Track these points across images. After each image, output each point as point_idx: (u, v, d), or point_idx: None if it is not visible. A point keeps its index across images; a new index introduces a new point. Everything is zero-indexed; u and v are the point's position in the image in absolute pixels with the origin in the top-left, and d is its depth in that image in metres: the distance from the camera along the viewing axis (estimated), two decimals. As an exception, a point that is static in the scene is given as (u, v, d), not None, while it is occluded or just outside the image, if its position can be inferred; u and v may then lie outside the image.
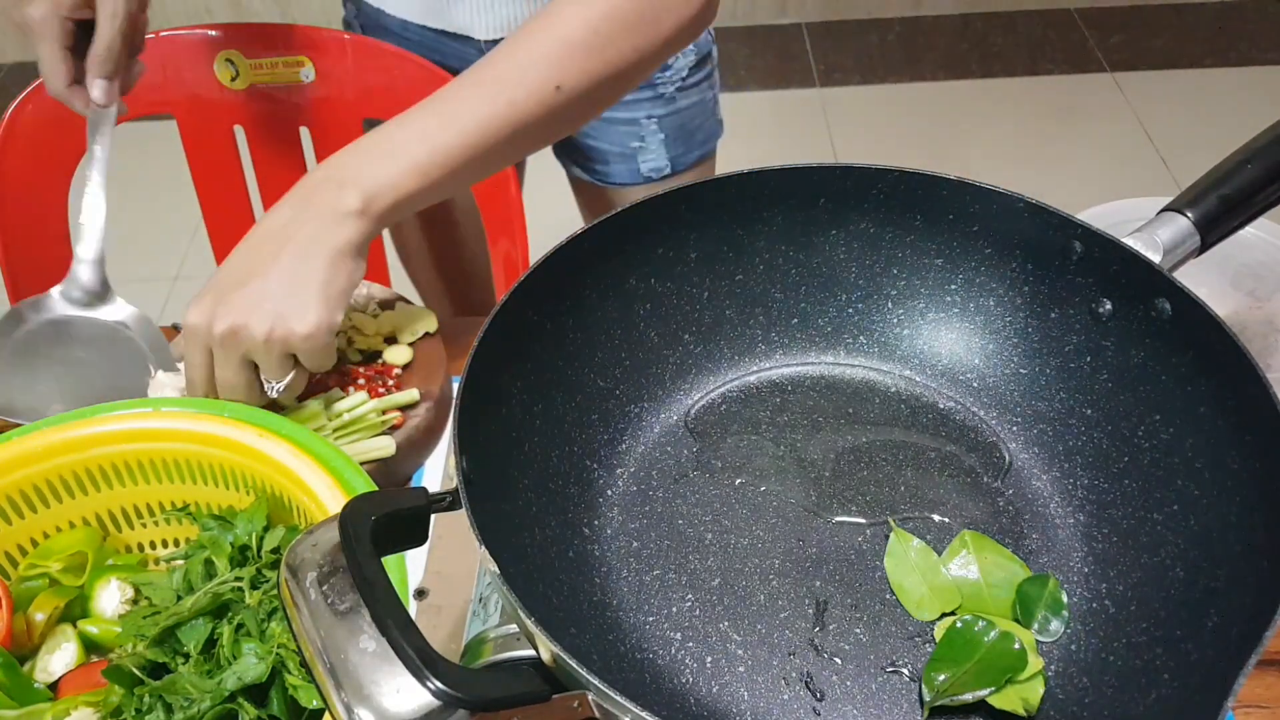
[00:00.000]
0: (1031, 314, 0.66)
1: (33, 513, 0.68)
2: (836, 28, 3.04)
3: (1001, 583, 0.58)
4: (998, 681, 0.53)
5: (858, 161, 0.66)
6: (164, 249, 2.37)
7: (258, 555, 0.65)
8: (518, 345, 0.60)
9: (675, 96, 1.15)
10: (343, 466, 0.65)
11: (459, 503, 0.48)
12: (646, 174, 1.19)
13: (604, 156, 1.19)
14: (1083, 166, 2.49)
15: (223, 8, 2.93)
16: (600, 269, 0.64)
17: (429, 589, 0.67)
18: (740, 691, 0.55)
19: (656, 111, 1.15)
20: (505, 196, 1.12)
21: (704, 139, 1.22)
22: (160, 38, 1.13)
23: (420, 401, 0.81)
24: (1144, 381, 0.60)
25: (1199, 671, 0.49)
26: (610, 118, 1.15)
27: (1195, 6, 3.02)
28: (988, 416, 0.67)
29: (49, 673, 0.65)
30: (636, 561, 0.61)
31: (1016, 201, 0.63)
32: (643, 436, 0.67)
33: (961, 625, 0.56)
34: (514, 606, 0.45)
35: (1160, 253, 0.58)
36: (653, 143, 1.17)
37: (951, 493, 0.63)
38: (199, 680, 0.59)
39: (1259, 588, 0.48)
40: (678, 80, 1.14)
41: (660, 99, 1.15)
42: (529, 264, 0.71)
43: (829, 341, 0.71)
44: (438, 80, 1.12)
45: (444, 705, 0.41)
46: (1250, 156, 0.61)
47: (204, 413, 0.68)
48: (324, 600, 0.43)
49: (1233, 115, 2.56)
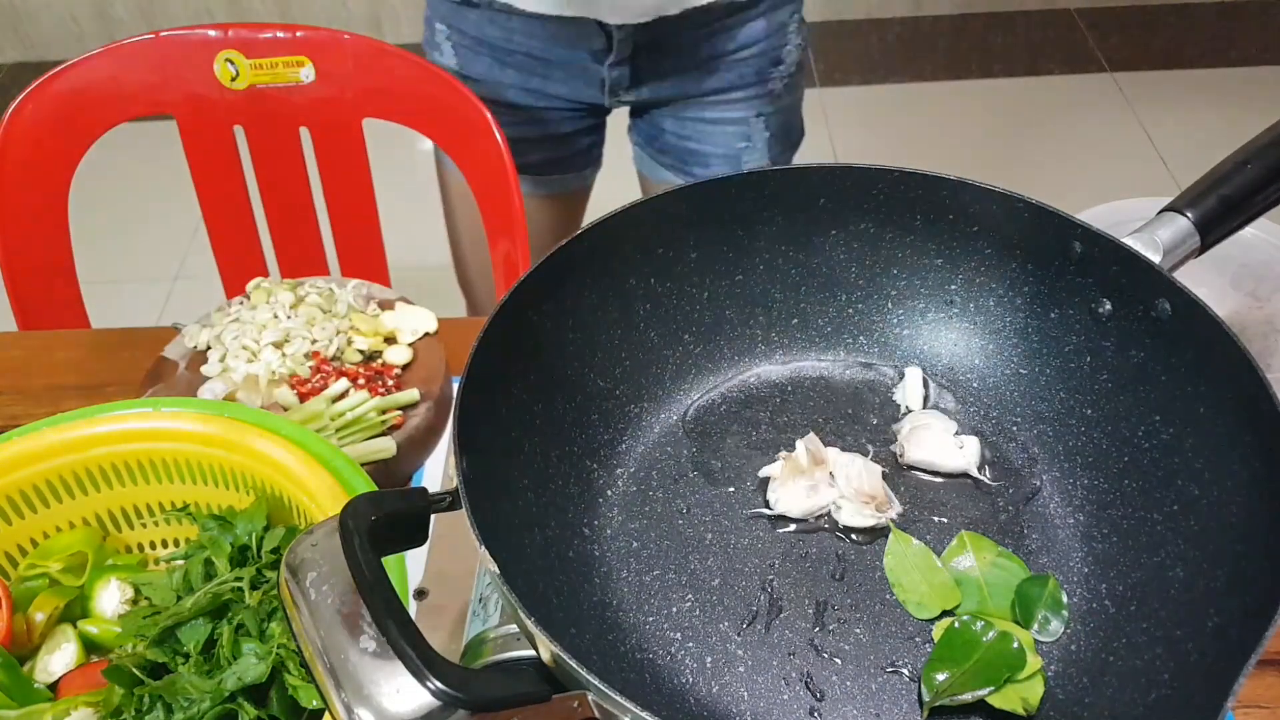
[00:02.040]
0: (1031, 314, 0.66)
1: (33, 513, 0.68)
2: (836, 28, 3.04)
3: (1001, 582, 0.58)
4: (997, 681, 0.53)
5: (858, 161, 0.66)
6: (164, 249, 2.36)
7: (258, 555, 0.65)
8: (518, 345, 0.60)
9: (782, 94, 1.14)
10: (343, 466, 0.65)
11: (459, 503, 0.48)
12: None
13: (705, 160, 1.17)
14: (1083, 166, 2.49)
15: (223, 8, 2.93)
16: (600, 269, 0.64)
17: (429, 589, 0.67)
18: (740, 691, 0.55)
19: (766, 110, 1.13)
20: (505, 196, 1.12)
21: (797, 137, 1.20)
22: (160, 38, 1.13)
23: (420, 401, 0.81)
24: (1144, 381, 0.60)
25: (1199, 671, 0.49)
26: (719, 118, 1.13)
27: (1195, 6, 3.02)
28: (988, 416, 0.67)
29: (49, 673, 0.65)
30: (636, 561, 0.61)
31: (1016, 201, 0.63)
32: (642, 436, 0.67)
33: (960, 625, 0.56)
34: (514, 606, 0.45)
35: (1160, 253, 0.58)
36: (759, 142, 1.15)
37: (951, 492, 0.63)
38: (199, 680, 0.59)
39: (1259, 588, 0.48)
40: (786, 76, 1.13)
41: (769, 96, 1.13)
42: (529, 264, 0.71)
43: (829, 341, 0.71)
44: (438, 80, 1.12)
45: (444, 705, 0.41)
46: (1250, 157, 0.61)
47: (204, 413, 0.68)
48: (324, 600, 0.43)
49: (1233, 115, 2.56)
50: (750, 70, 1.10)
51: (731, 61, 1.09)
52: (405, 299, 0.90)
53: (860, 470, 0.63)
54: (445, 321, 0.88)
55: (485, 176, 1.15)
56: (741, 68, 1.10)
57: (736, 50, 1.09)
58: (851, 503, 0.61)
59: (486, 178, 1.14)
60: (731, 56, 1.09)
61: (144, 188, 2.24)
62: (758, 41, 1.09)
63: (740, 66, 1.10)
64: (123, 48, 1.14)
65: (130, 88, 1.15)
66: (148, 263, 2.36)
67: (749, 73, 1.10)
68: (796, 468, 0.62)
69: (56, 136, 1.12)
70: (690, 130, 1.15)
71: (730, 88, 1.11)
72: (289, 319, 0.86)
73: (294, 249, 1.28)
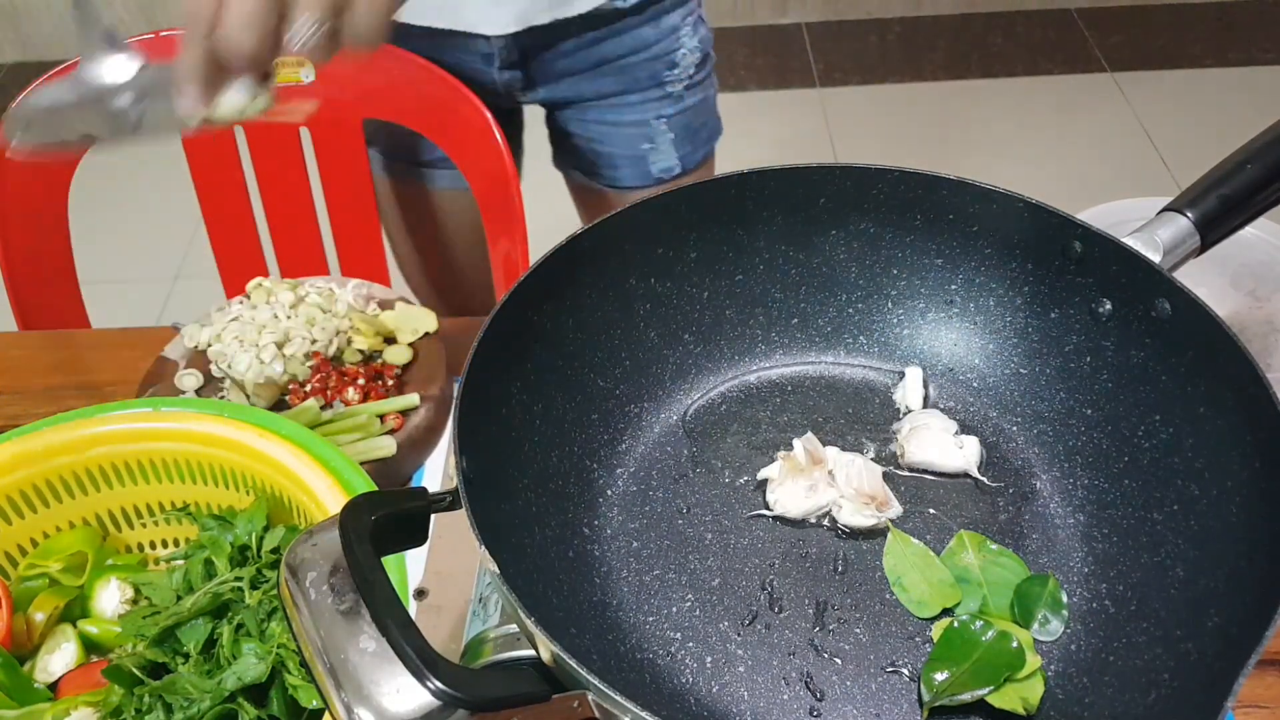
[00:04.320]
0: (1031, 314, 0.66)
1: (33, 513, 0.68)
2: (836, 28, 3.04)
3: (1001, 581, 0.58)
4: (996, 681, 0.53)
5: (858, 161, 0.66)
6: (164, 249, 2.36)
7: (258, 555, 0.65)
8: (518, 345, 0.60)
9: (683, 95, 1.15)
10: (343, 466, 0.65)
11: (459, 503, 0.48)
12: (658, 175, 1.19)
13: (612, 161, 1.19)
14: (1083, 166, 2.49)
15: (223, 8, 2.93)
16: (600, 269, 0.64)
17: (429, 589, 0.67)
18: (740, 691, 0.55)
19: (666, 111, 1.15)
20: (505, 196, 1.12)
21: (708, 136, 1.22)
22: (160, 38, 1.13)
23: (420, 402, 0.81)
24: (1144, 381, 0.60)
25: (1199, 671, 0.49)
26: (619, 120, 1.15)
27: (1195, 6, 3.02)
28: (988, 416, 0.67)
29: (49, 673, 0.65)
30: (636, 561, 0.61)
31: (1016, 201, 0.63)
32: (642, 436, 0.67)
33: (959, 625, 0.56)
34: (514, 606, 0.45)
35: (1160, 253, 0.58)
36: (663, 143, 1.16)
37: (951, 492, 0.63)
38: (199, 680, 0.59)
39: (1259, 588, 0.48)
40: (685, 78, 1.14)
41: (669, 98, 1.14)
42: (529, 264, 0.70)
43: (829, 341, 0.71)
44: (438, 80, 1.12)
45: (444, 705, 0.41)
46: (1250, 156, 0.61)
47: (204, 413, 0.68)
48: (324, 600, 0.43)
49: (1233, 115, 2.56)
50: (644, 74, 1.12)
51: (622, 65, 1.11)
52: (405, 299, 0.90)
53: (860, 470, 0.63)
54: (445, 321, 0.88)
55: (485, 176, 1.15)
56: (636, 70, 1.11)
57: (626, 55, 1.10)
58: (851, 502, 0.61)
59: (487, 178, 1.14)
60: (621, 60, 1.10)
61: (144, 188, 2.23)
62: (648, 46, 1.10)
63: (634, 70, 1.11)
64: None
65: (130, 88, 1.15)
66: (148, 263, 2.36)
67: (643, 76, 1.12)
68: (795, 468, 0.62)
69: (56, 136, 1.12)
70: (594, 132, 1.17)
71: (625, 90, 1.13)
72: (289, 319, 0.86)
73: (294, 249, 1.28)
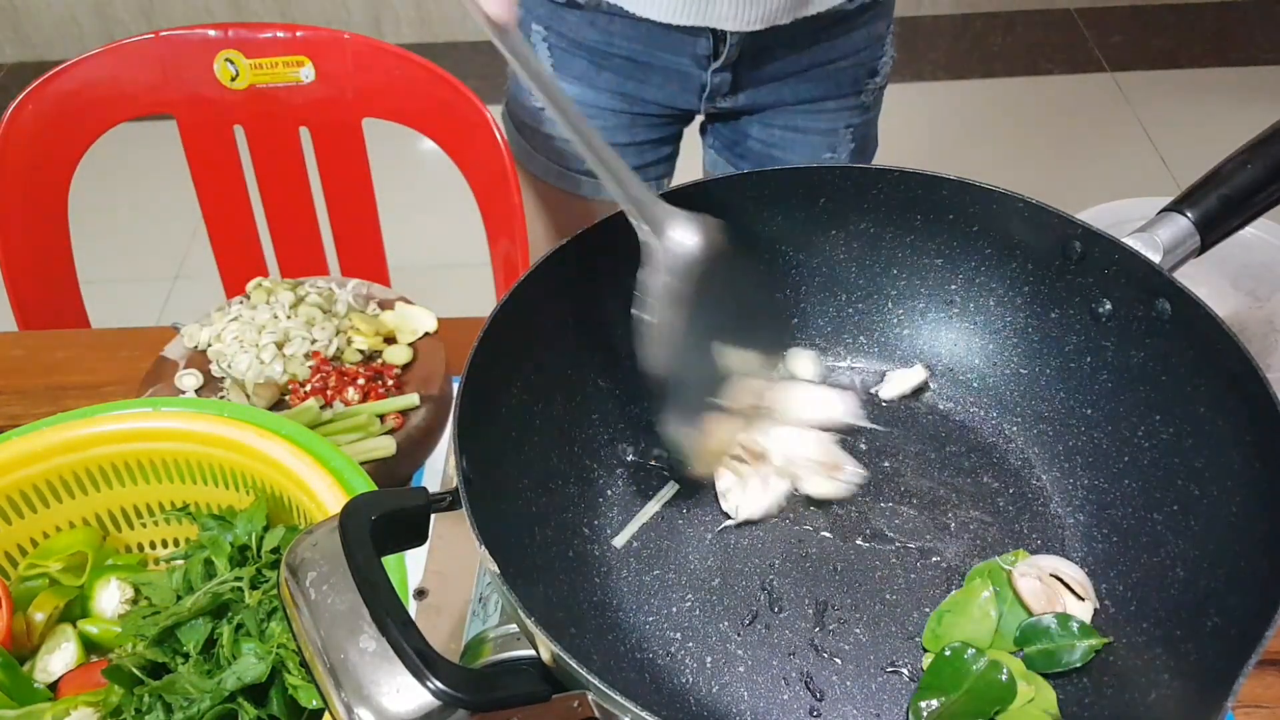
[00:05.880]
0: (1031, 314, 0.66)
1: (33, 513, 0.68)
2: (836, 28, 3.04)
3: None
4: (986, 713, 0.52)
5: (857, 161, 0.66)
6: (164, 249, 2.36)
7: (258, 555, 0.65)
8: (517, 345, 0.60)
9: (870, 106, 1.13)
10: (343, 466, 0.65)
11: (459, 503, 0.48)
12: None
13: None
14: (1083, 166, 2.49)
15: (223, 8, 2.93)
16: (600, 269, 0.64)
17: (429, 589, 0.67)
18: (740, 691, 0.55)
19: (854, 121, 1.12)
20: (505, 196, 1.12)
21: (872, 151, 1.19)
22: (160, 38, 1.13)
23: (420, 402, 0.81)
24: (1144, 381, 0.60)
25: (1199, 671, 0.49)
26: (809, 127, 1.11)
27: (1195, 6, 3.02)
28: (988, 416, 0.67)
29: (49, 673, 0.65)
30: (636, 561, 0.61)
31: (1016, 201, 0.63)
32: (643, 436, 0.67)
33: (950, 653, 0.54)
34: (514, 606, 0.45)
35: (1160, 253, 0.58)
36: (843, 153, 1.13)
37: (951, 493, 0.63)
38: (199, 680, 0.59)
39: (1259, 588, 0.48)
40: (878, 87, 1.12)
41: (859, 108, 1.12)
42: (529, 264, 0.70)
43: (829, 341, 0.71)
44: (438, 80, 1.12)
45: (444, 705, 0.41)
46: (1250, 156, 0.61)
47: (204, 413, 0.68)
48: (324, 600, 0.43)
49: (1233, 115, 2.56)
50: (846, 80, 1.10)
51: (830, 70, 1.08)
52: (405, 299, 0.90)
53: (804, 440, 0.62)
54: (445, 321, 0.88)
55: (485, 176, 1.15)
56: (839, 76, 1.09)
57: (836, 59, 1.08)
58: (815, 475, 0.61)
59: (486, 178, 1.14)
60: (831, 65, 1.08)
61: (144, 188, 2.24)
62: (857, 51, 1.08)
63: (838, 75, 1.09)
64: (123, 47, 1.14)
65: (130, 87, 1.15)
66: (148, 263, 2.36)
67: (845, 82, 1.10)
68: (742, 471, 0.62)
69: (57, 136, 1.12)
70: (777, 138, 1.13)
71: (825, 97, 1.10)
72: (289, 319, 0.86)
73: (294, 249, 1.28)
